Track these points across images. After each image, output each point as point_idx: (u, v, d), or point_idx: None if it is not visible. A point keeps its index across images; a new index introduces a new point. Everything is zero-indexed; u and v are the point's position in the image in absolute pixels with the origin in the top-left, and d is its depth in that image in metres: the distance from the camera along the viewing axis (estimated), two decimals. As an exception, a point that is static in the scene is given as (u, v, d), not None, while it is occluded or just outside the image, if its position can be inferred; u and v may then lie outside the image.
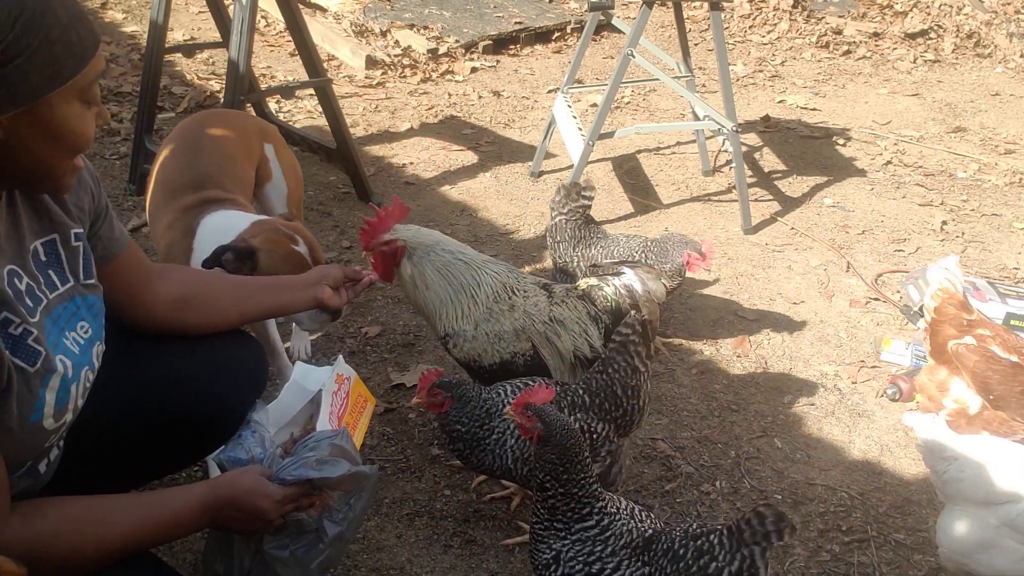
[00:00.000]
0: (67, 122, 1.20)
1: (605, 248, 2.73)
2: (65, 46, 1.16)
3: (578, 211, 2.76)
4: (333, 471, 1.48)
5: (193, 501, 1.40)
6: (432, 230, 2.18)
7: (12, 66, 1.11)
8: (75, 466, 1.46)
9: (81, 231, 1.41)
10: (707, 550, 1.55)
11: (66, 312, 1.35)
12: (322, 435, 1.55)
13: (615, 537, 1.60)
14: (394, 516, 2.16)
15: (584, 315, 2.17)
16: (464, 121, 4.56)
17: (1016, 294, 3.02)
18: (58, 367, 1.28)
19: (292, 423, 1.74)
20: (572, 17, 5.85)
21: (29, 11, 1.11)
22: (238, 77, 3.15)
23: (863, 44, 5.92)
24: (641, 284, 2.20)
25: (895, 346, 2.87)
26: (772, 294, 3.23)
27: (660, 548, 1.59)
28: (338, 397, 1.75)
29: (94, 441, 1.49)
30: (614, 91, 3.49)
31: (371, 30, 5.36)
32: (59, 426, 1.31)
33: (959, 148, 4.53)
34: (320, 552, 1.52)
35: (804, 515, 2.24)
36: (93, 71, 1.21)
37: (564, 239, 2.76)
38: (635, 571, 1.57)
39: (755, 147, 4.45)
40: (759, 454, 2.46)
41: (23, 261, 1.30)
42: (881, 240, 3.63)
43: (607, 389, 1.97)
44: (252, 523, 1.45)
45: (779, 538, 1.51)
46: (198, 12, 5.46)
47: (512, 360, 2.14)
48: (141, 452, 1.61)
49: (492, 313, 2.13)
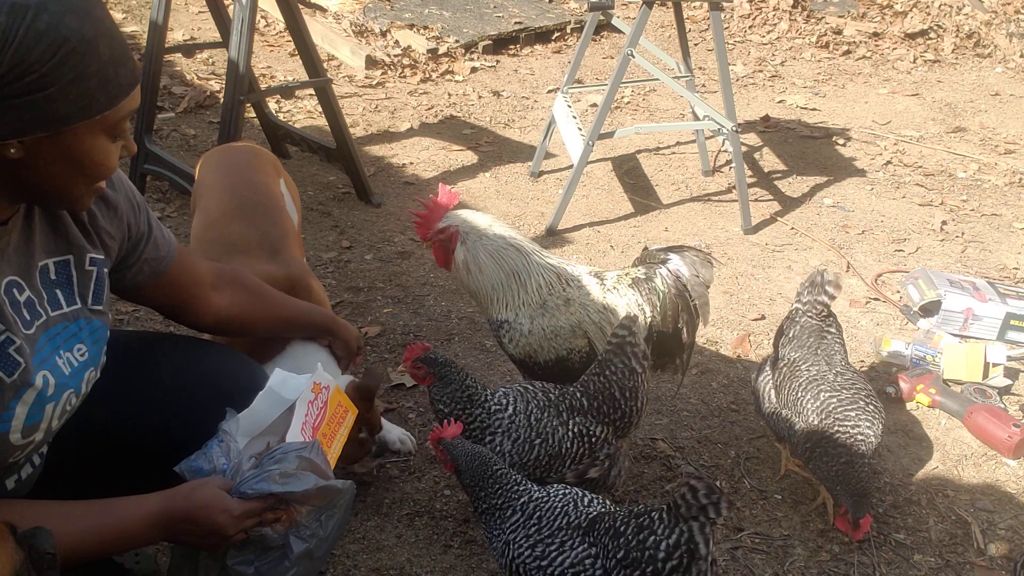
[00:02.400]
0: (89, 153, 1.21)
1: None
2: (101, 82, 1.16)
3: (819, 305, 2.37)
4: (298, 485, 1.42)
5: (145, 514, 1.35)
6: (484, 214, 2.17)
7: (43, 95, 1.12)
8: (58, 476, 1.45)
9: (101, 258, 1.42)
10: (646, 526, 1.59)
11: (66, 332, 1.34)
12: (290, 447, 1.48)
13: (549, 517, 1.68)
14: (394, 516, 2.16)
15: (634, 303, 2.18)
16: (464, 121, 4.56)
17: (1016, 294, 3.02)
18: (36, 382, 1.26)
19: (269, 432, 1.61)
20: (572, 17, 5.85)
21: (71, 44, 1.12)
22: (238, 77, 3.15)
23: (863, 44, 5.92)
24: (689, 269, 2.19)
25: (895, 346, 2.87)
26: (772, 294, 3.23)
27: (603, 527, 1.64)
28: (314, 407, 1.64)
29: (75, 455, 1.47)
30: (614, 91, 3.49)
31: (371, 30, 5.36)
32: (26, 443, 1.28)
33: (959, 148, 4.53)
34: (286, 570, 1.46)
35: (804, 515, 2.24)
36: (125, 108, 1.22)
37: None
38: (580, 551, 1.63)
39: (755, 147, 4.45)
40: (759, 454, 2.45)
41: (28, 275, 1.30)
42: (881, 240, 3.63)
43: (605, 392, 1.97)
44: (208, 538, 1.39)
45: (716, 512, 1.53)
46: (198, 12, 5.46)
47: (568, 357, 2.14)
48: (123, 469, 1.57)
49: (547, 307, 2.13)
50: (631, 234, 3.58)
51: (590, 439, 1.95)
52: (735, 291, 3.23)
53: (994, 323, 2.93)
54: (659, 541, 1.56)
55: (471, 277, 2.12)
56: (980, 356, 2.77)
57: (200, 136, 4.12)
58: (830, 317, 2.36)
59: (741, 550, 2.11)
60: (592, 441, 1.96)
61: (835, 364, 2.27)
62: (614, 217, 3.71)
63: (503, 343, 2.17)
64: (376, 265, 3.26)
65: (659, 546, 1.56)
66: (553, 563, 1.64)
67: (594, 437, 1.96)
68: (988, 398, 2.64)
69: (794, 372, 2.25)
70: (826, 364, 2.26)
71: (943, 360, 2.78)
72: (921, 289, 3.10)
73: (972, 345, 2.84)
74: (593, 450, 1.96)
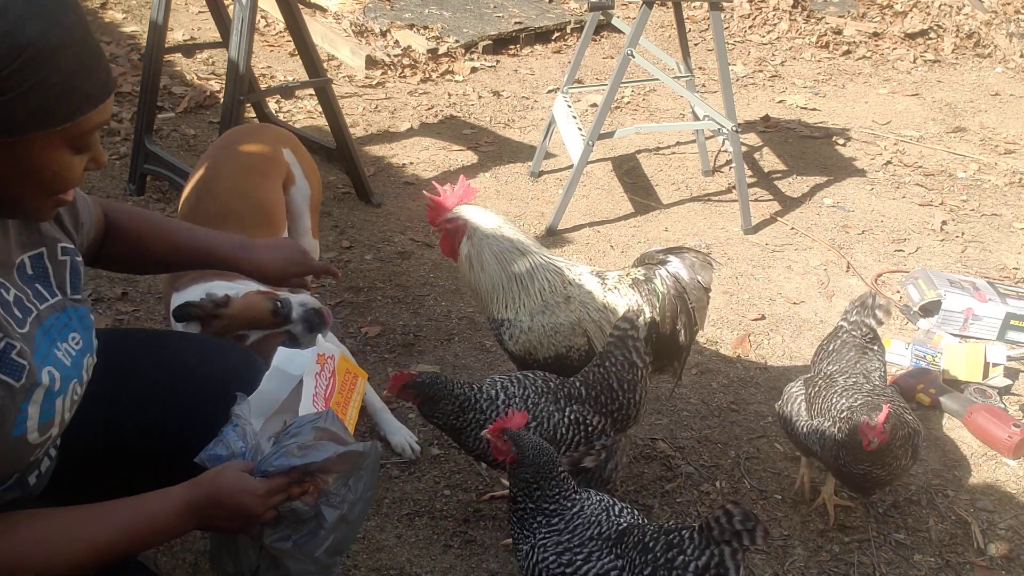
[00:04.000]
0: (46, 165, 1.16)
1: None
2: (64, 92, 1.11)
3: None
4: (318, 455, 1.42)
5: (172, 506, 1.35)
6: (496, 215, 2.18)
7: (1, 99, 1.07)
8: (67, 475, 1.45)
9: (70, 245, 1.40)
10: (676, 543, 1.55)
11: (58, 323, 1.33)
12: (304, 419, 1.49)
13: (582, 528, 1.64)
14: (394, 516, 2.16)
15: (634, 303, 2.19)
16: (464, 121, 4.56)
17: (1016, 294, 3.02)
18: (43, 380, 1.26)
19: (283, 410, 1.64)
20: (572, 17, 5.85)
21: (34, 50, 1.07)
22: (238, 77, 3.15)
23: (863, 44, 5.92)
24: (688, 272, 2.19)
25: (895, 346, 2.88)
26: (772, 294, 3.23)
27: (632, 540, 1.61)
28: (322, 378, 1.66)
29: (85, 451, 1.47)
30: (614, 91, 3.49)
31: (371, 30, 5.36)
32: (44, 440, 1.29)
33: (959, 148, 4.53)
34: (324, 539, 1.47)
35: (804, 515, 2.24)
36: (90, 122, 1.16)
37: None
38: (607, 562, 1.60)
39: (755, 147, 4.45)
40: (759, 454, 2.46)
41: (8, 274, 1.28)
42: (881, 240, 3.63)
43: (603, 382, 1.98)
44: (239, 521, 1.39)
45: (751, 540, 1.49)
46: (198, 12, 5.45)
47: (567, 355, 2.16)
48: (128, 468, 1.58)
49: (548, 305, 2.15)
50: (631, 234, 3.59)
51: (586, 427, 1.97)
52: (735, 291, 3.23)
53: (994, 323, 2.93)
54: (688, 562, 1.53)
55: (473, 274, 2.14)
56: (980, 356, 2.78)
57: (200, 136, 4.12)
58: (875, 341, 2.31)
59: (741, 550, 2.12)
60: (588, 430, 1.97)
61: (872, 379, 2.21)
62: (614, 217, 3.71)
63: (503, 340, 2.18)
64: (376, 265, 3.26)
65: (687, 567, 1.52)
66: (578, 572, 1.61)
67: (590, 426, 1.97)
68: (988, 398, 2.64)
69: (830, 384, 2.19)
70: (863, 378, 2.20)
71: (943, 360, 2.78)
72: (921, 289, 3.10)
73: (972, 345, 2.84)
74: (589, 439, 1.97)
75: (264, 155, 2.51)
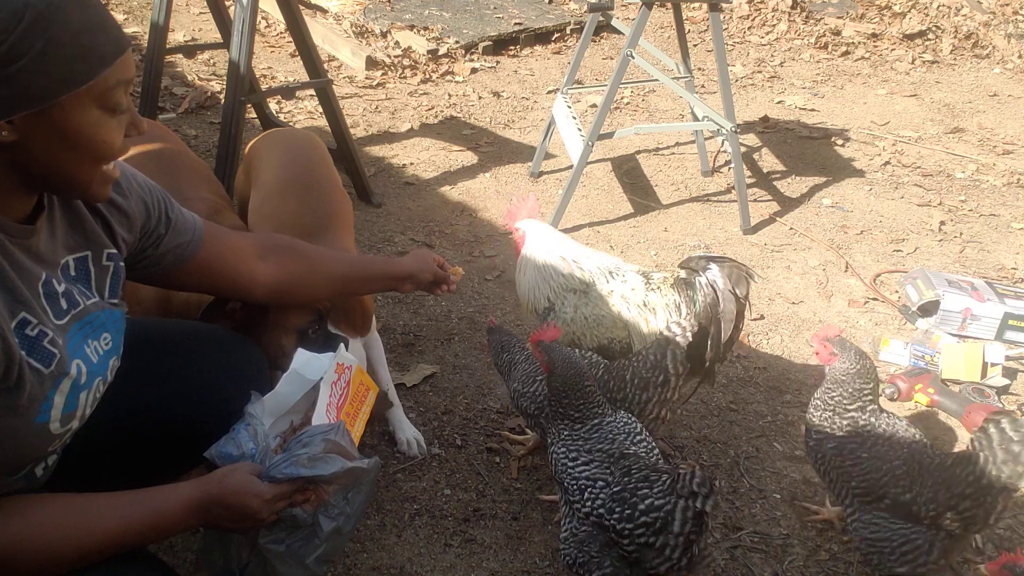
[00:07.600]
0: (84, 128, 1.18)
1: None
2: (77, 50, 1.13)
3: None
4: (326, 468, 1.45)
5: (181, 501, 1.37)
6: (550, 227, 2.44)
7: (16, 67, 1.09)
8: (71, 467, 1.46)
9: (115, 252, 1.43)
10: (651, 480, 1.71)
11: (96, 321, 1.36)
12: (316, 430, 1.52)
13: (596, 440, 1.84)
14: (394, 516, 2.17)
15: (673, 304, 2.24)
16: (464, 121, 4.57)
17: (1014, 294, 3.03)
18: (72, 371, 1.28)
19: (292, 411, 1.68)
20: (572, 18, 5.86)
21: (34, 12, 1.09)
22: (239, 78, 3.16)
23: (861, 45, 5.94)
24: (724, 282, 2.23)
25: (894, 346, 2.89)
26: (771, 294, 3.24)
27: (626, 464, 1.77)
28: (338, 387, 1.69)
29: (90, 444, 1.48)
30: (613, 92, 3.50)
31: (371, 31, 5.37)
32: (64, 431, 1.31)
33: (957, 148, 4.54)
34: (316, 547, 1.51)
35: (803, 515, 2.25)
36: (112, 77, 1.18)
37: None
38: (596, 471, 1.78)
39: (754, 147, 4.46)
40: (758, 454, 2.46)
41: (54, 271, 1.31)
42: (879, 240, 3.64)
43: (620, 372, 2.06)
44: (242, 522, 1.42)
45: (701, 503, 1.61)
46: (199, 13, 5.47)
47: (609, 346, 2.25)
48: (138, 458, 1.59)
49: (591, 299, 2.26)
50: (630, 234, 3.60)
51: None
52: (734, 291, 3.24)
53: (992, 323, 2.94)
54: (646, 496, 1.68)
55: (517, 276, 2.40)
56: (978, 356, 2.78)
57: (201, 137, 4.13)
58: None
59: (740, 549, 2.12)
60: None
61: None
62: (614, 217, 3.72)
63: None
64: (376, 265, 3.27)
65: (644, 500, 1.68)
66: (575, 468, 1.82)
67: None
68: (987, 398, 2.65)
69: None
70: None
71: (941, 360, 2.79)
72: (919, 289, 3.11)
73: (970, 345, 2.85)
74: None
75: (326, 157, 2.49)
